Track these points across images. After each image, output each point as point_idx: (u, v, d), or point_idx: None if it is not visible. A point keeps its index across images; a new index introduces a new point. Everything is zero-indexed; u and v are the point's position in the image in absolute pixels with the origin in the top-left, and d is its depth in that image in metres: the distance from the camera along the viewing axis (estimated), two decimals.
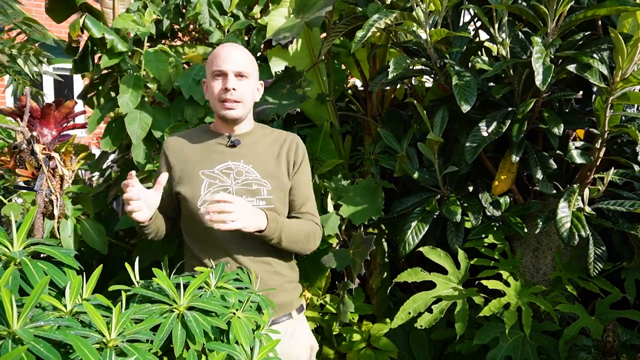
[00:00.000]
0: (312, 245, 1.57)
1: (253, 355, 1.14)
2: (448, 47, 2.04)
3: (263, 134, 1.59)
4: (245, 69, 1.48)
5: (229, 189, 1.47)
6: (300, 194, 1.56)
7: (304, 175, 1.58)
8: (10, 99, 6.70)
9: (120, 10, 2.54)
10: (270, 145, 1.56)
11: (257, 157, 1.53)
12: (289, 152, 1.56)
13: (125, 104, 1.95)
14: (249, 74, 1.49)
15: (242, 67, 1.47)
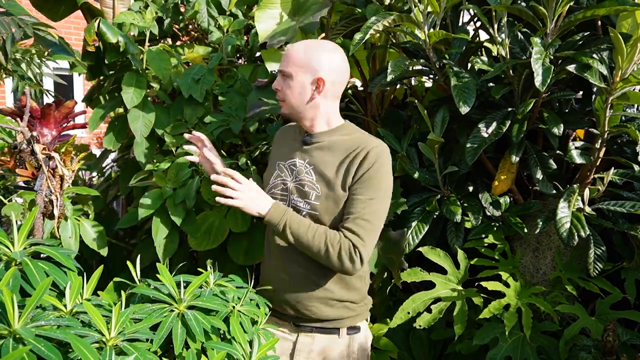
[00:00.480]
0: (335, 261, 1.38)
1: (252, 353, 1.14)
2: (447, 47, 2.04)
3: (341, 137, 1.48)
4: (287, 68, 1.45)
5: (288, 185, 1.51)
6: (350, 207, 1.41)
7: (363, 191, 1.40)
8: (10, 99, 6.70)
9: (120, 9, 2.54)
10: (341, 151, 1.46)
11: (322, 159, 1.47)
12: (353, 161, 1.42)
13: (130, 99, 1.96)
14: (290, 73, 1.45)
15: (283, 66, 1.47)
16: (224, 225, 1.92)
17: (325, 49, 1.46)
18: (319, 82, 1.43)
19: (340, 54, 1.48)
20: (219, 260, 1.98)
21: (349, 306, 1.52)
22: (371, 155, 1.41)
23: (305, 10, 2.02)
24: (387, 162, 1.45)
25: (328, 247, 1.37)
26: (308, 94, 1.46)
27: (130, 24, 2.11)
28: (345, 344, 1.54)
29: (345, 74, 1.50)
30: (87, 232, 1.83)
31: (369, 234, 1.40)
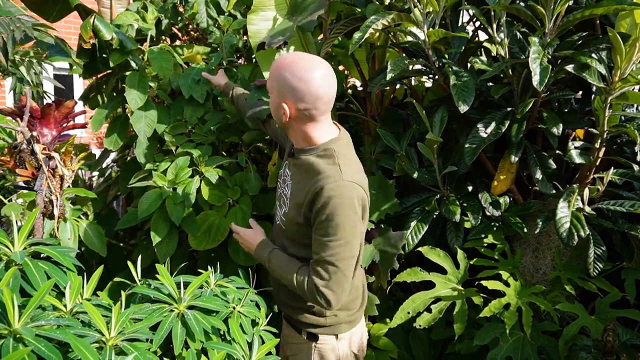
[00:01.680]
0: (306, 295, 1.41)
1: (252, 353, 1.14)
2: (447, 47, 2.04)
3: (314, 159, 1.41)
4: (267, 84, 1.43)
5: (279, 191, 1.57)
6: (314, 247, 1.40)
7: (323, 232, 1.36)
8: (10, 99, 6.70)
9: (118, 10, 2.54)
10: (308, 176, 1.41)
11: (296, 177, 1.47)
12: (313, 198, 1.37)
13: (134, 100, 1.96)
14: (269, 89, 1.42)
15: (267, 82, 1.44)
16: (224, 225, 1.92)
17: (297, 71, 1.34)
18: (284, 108, 1.37)
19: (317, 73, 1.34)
20: (220, 260, 1.99)
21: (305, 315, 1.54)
22: (324, 196, 1.33)
23: (302, 9, 2.02)
24: (344, 201, 1.33)
25: (296, 287, 1.41)
26: (279, 115, 1.41)
27: (128, 25, 2.11)
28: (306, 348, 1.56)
29: (319, 97, 1.35)
30: (86, 233, 1.83)
31: (332, 275, 1.36)
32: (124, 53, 1.98)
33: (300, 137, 1.43)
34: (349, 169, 1.38)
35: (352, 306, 1.57)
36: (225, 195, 1.93)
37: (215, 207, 1.95)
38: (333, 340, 1.56)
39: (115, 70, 2.19)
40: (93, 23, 1.86)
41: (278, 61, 1.38)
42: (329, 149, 1.40)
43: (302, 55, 1.38)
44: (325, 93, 1.36)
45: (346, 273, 1.38)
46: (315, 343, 1.55)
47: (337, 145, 1.42)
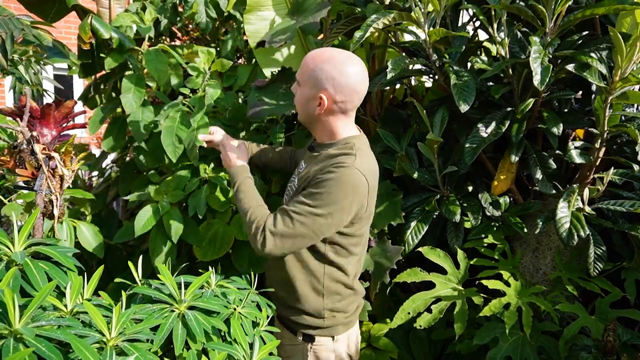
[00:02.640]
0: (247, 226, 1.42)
1: (253, 354, 1.14)
2: (447, 47, 2.04)
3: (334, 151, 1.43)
4: (298, 76, 1.45)
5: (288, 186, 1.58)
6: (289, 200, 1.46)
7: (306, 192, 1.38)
8: (10, 99, 6.69)
9: (116, 10, 2.54)
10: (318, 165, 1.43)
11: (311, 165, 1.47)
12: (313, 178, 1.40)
13: (129, 104, 1.94)
14: (301, 83, 1.43)
15: (298, 73, 1.45)
16: (228, 234, 1.90)
17: (337, 64, 1.37)
18: (321, 99, 1.38)
19: (355, 68, 1.39)
20: (221, 264, 1.97)
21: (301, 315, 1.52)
22: (327, 171, 1.35)
23: (304, 10, 2.01)
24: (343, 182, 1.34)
25: (248, 217, 1.42)
26: (312, 107, 1.42)
27: (127, 26, 2.10)
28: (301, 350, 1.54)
29: (357, 91, 1.40)
30: (84, 235, 1.82)
31: (284, 229, 1.35)
32: (121, 54, 1.97)
33: (327, 131, 1.46)
34: (362, 161, 1.40)
35: (349, 308, 1.57)
36: (228, 202, 1.91)
37: (218, 215, 1.93)
38: (329, 341, 1.55)
39: (115, 71, 2.19)
40: (91, 23, 1.86)
41: (315, 55, 1.41)
42: (350, 142, 1.43)
43: (340, 50, 1.42)
44: (361, 88, 1.41)
45: (296, 238, 1.36)
46: (311, 344, 1.53)
47: (357, 140, 1.45)
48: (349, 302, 1.56)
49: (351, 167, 1.35)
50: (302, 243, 1.39)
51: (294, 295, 1.50)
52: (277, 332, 1.40)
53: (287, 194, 1.58)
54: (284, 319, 1.58)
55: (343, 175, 1.34)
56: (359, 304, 1.62)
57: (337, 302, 1.52)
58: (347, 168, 1.35)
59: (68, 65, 2.21)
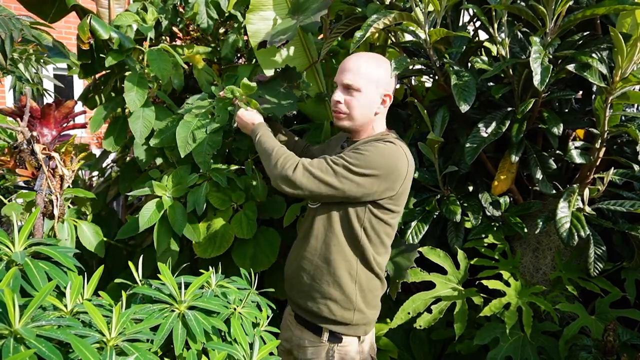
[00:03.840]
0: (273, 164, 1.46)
1: (253, 354, 1.14)
2: (447, 47, 2.04)
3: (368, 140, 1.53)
4: (355, 83, 1.48)
5: None
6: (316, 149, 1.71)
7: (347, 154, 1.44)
8: (10, 98, 6.69)
9: (116, 10, 2.54)
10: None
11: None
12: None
13: (133, 102, 1.95)
14: (359, 88, 1.48)
15: (350, 81, 1.48)
16: (228, 232, 1.90)
17: (381, 64, 1.52)
18: (387, 97, 1.52)
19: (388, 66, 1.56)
20: (221, 263, 1.98)
21: (329, 305, 1.50)
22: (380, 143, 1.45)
23: (304, 9, 2.01)
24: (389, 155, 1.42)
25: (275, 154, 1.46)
26: (374, 108, 1.52)
27: (127, 26, 2.10)
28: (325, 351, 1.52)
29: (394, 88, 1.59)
30: (84, 234, 1.82)
31: (317, 170, 1.40)
32: (120, 54, 1.97)
33: (370, 129, 1.55)
34: (406, 148, 1.50)
35: (374, 302, 1.58)
36: (229, 200, 1.92)
37: (219, 213, 1.93)
38: (356, 342, 1.53)
39: (114, 70, 2.19)
40: (90, 23, 1.86)
41: (361, 60, 1.50)
42: (387, 134, 1.54)
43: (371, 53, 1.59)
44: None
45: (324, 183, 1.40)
46: (336, 345, 1.51)
47: (393, 132, 1.58)
48: (376, 295, 1.57)
49: (397, 146, 1.46)
50: (327, 191, 1.41)
51: (329, 280, 1.49)
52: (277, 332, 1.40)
53: None
54: (308, 317, 1.54)
55: (388, 147, 1.43)
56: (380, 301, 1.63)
57: (369, 291, 1.53)
58: (393, 145, 1.45)
59: (68, 65, 2.21)
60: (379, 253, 1.52)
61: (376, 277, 1.54)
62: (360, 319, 1.52)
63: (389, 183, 1.42)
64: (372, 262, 1.50)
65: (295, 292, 1.58)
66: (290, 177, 1.40)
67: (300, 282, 1.56)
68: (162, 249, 1.85)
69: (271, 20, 2.11)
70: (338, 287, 1.49)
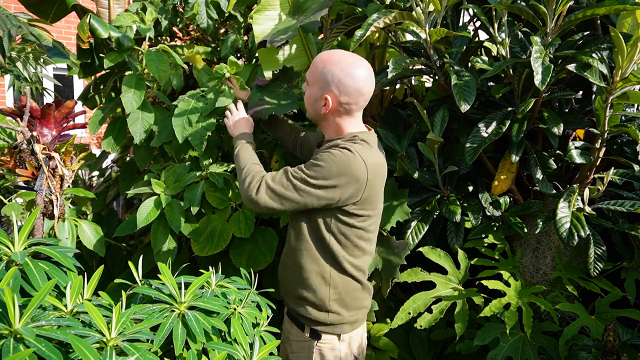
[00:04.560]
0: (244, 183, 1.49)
1: (253, 354, 1.14)
2: (447, 46, 2.04)
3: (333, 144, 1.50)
4: (308, 76, 1.52)
5: None
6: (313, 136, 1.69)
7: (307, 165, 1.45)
8: (10, 98, 6.69)
9: (116, 10, 2.54)
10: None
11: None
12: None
13: (129, 103, 1.95)
14: (309, 82, 1.51)
15: (307, 73, 1.53)
16: (226, 230, 1.91)
17: (344, 67, 1.43)
18: (327, 100, 1.46)
19: (362, 71, 1.45)
20: (221, 263, 1.98)
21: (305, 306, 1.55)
22: (337, 150, 1.42)
23: (305, 9, 2.01)
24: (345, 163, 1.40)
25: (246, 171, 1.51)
26: (318, 107, 1.50)
27: (127, 26, 2.10)
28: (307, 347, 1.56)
29: (362, 94, 1.46)
30: (85, 233, 1.82)
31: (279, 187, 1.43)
32: (120, 53, 1.97)
33: (333, 129, 1.53)
34: (366, 153, 1.45)
35: (353, 304, 1.57)
36: (227, 199, 1.92)
37: (217, 211, 1.94)
38: (335, 340, 1.56)
39: (114, 70, 2.19)
40: (89, 22, 1.86)
41: (325, 56, 1.47)
42: (355, 136, 1.49)
43: (349, 53, 1.49)
44: (367, 91, 1.48)
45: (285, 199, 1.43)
46: (317, 342, 1.55)
47: (365, 135, 1.51)
48: (355, 297, 1.57)
49: (353, 153, 1.42)
50: (290, 206, 1.45)
51: (303, 283, 1.53)
52: (277, 332, 1.40)
53: None
54: (294, 313, 1.60)
55: (343, 155, 1.41)
56: (366, 303, 1.63)
57: (345, 294, 1.54)
58: (349, 152, 1.42)
59: (68, 65, 2.21)
60: (355, 256, 1.53)
61: (353, 279, 1.55)
62: (337, 319, 1.55)
63: (350, 191, 1.42)
64: (346, 265, 1.51)
65: (284, 290, 1.65)
66: (254, 198, 1.44)
67: (284, 282, 1.63)
68: (159, 247, 1.85)
69: (276, 20, 2.11)
70: (311, 291, 1.53)
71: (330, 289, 1.52)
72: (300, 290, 1.55)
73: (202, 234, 1.90)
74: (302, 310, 1.55)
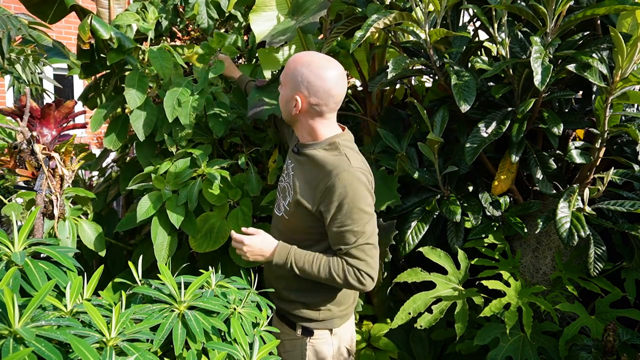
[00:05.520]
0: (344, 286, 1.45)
1: (253, 354, 1.14)
2: (447, 47, 2.04)
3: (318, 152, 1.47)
4: (281, 77, 1.50)
5: (282, 183, 1.59)
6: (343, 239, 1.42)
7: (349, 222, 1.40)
8: (10, 98, 6.69)
9: (116, 10, 2.54)
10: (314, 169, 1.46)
11: (300, 169, 1.52)
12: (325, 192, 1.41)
13: (133, 100, 1.96)
14: (282, 82, 1.50)
15: (281, 75, 1.51)
16: (224, 227, 1.92)
17: (314, 68, 1.41)
18: (296, 101, 1.44)
19: (332, 72, 1.42)
20: (220, 262, 1.98)
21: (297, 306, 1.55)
22: (339, 187, 1.38)
23: (304, 10, 2.01)
24: (359, 186, 1.40)
25: (334, 276, 1.42)
26: (289, 108, 1.48)
27: (127, 26, 2.10)
28: (300, 344, 1.57)
29: (332, 95, 1.43)
30: (85, 232, 1.82)
31: (369, 253, 1.42)
32: (121, 52, 1.98)
33: (306, 131, 1.50)
34: (354, 158, 1.45)
35: (345, 301, 1.59)
36: (225, 196, 1.93)
37: (216, 209, 1.95)
38: (327, 335, 1.58)
39: (114, 70, 2.19)
40: (90, 23, 1.86)
41: (296, 57, 1.46)
42: (334, 142, 1.47)
43: (320, 55, 1.46)
44: (337, 92, 1.44)
45: (377, 247, 1.45)
46: (309, 338, 1.56)
47: (341, 139, 1.48)
48: (347, 293, 1.59)
49: (354, 171, 1.41)
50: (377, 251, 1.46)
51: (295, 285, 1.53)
52: (277, 332, 1.40)
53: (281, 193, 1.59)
54: (283, 314, 1.60)
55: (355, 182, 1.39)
56: (355, 296, 1.65)
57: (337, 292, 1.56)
58: (353, 175, 1.40)
59: (68, 65, 2.21)
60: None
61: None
62: (328, 316, 1.56)
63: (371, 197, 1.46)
64: None
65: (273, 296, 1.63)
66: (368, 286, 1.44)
67: (272, 283, 1.61)
68: (158, 242, 1.85)
69: (275, 21, 2.11)
70: (304, 292, 1.54)
71: (323, 289, 1.53)
72: (290, 292, 1.55)
73: (200, 230, 1.91)
74: (294, 310, 1.56)
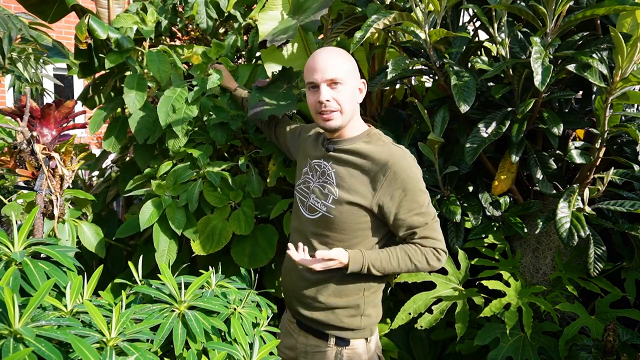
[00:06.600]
0: (426, 269, 1.50)
1: (253, 354, 1.14)
2: (447, 47, 2.04)
3: (365, 145, 1.47)
4: (338, 76, 1.42)
5: (310, 185, 1.55)
6: (412, 222, 1.45)
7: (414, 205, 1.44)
8: (10, 98, 6.69)
9: (115, 10, 2.54)
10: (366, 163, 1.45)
11: (345, 164, 1.48)
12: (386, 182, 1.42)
13: (132, 103, 1.96)
14: (342, 80, 1.43)
15: (333, 75, 1.42)
16: (226, 228, 1.91)
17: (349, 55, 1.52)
18: (363, 84, 1.51)
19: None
20: (221, 262, 1.98)
21: (336, 313, 1.49)
22: (401, 174, 1.42)
23: (305, 9, 2.02)
24: (416, 169, 1.47)
25: (416, 264, 1.47)
26: (357, 97, 1.50)
27: (127, 28, 2.10)
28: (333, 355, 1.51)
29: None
30: (85, 235, 1.82)
31: (438, 230, 1.52)
32: (120, 54, 1.97)
33: (358, 121, 1.53)
34: (397, 144, 1.51)
35: (379, 302, 1.57)
36: (226, 198, 1.93)
37: (217, 210, 1.94)
38: (363, 344, 1.53)
39: (114, 71, 2.19)
40: (88, 23, 1.86)
41: (337, 53, 1.47)
42: (370, 133, 1.52)
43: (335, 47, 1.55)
44: None
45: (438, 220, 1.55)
46: (344, 348, 1.50)
47: (372, 129, 1.54)
48: (381, 292, 1.57)
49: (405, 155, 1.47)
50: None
51: (334, 288, 1.48)
52: (278, 332, 1.40)
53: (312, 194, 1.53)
54: (313, 324, 1.53)
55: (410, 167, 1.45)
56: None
57: (377, 293, 1.55)
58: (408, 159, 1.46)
59: (68, 65, 2.21)
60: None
61: (384, 276, 1.53)
62: (368, 323, 1.53)
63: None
64: None
65: (297, 302, 1.56)
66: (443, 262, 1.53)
67: (301, 292, 1.53)
68: (161, 248, 1.85)
69: (280, 19, 2.11)
70: (345, 296, 1.48)
71: (364, 293, 1.50)
72: (330, 298, 1.48)
73: (202, 233, 1.90)
74: (331, 319, 1.49)
